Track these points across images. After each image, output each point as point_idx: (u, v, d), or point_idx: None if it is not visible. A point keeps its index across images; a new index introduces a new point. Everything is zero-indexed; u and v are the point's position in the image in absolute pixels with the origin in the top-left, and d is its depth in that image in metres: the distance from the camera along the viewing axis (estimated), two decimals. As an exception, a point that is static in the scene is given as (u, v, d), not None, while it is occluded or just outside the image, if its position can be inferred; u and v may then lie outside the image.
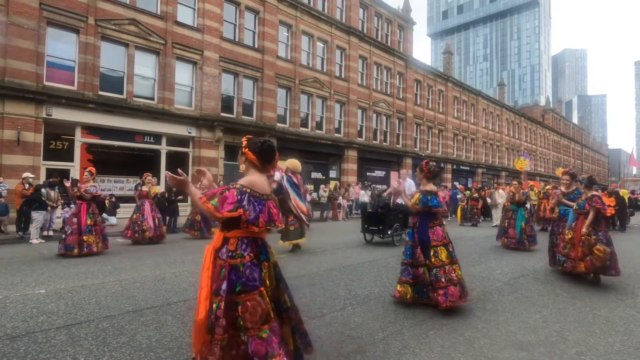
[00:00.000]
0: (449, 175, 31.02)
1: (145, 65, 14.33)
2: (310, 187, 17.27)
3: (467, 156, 34.32)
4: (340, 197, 17.67)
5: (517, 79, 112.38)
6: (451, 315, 3.82)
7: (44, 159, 11.97)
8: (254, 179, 2.24)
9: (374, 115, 24.66)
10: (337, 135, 21.85)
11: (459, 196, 16.79)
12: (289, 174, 7.54)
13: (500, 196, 13.49)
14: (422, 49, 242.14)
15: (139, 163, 14.04)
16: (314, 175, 20.76)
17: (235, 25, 17.16)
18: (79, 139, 12.73)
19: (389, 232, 8.78)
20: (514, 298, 4.54)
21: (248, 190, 2.16)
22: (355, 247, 8.51)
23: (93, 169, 7.65)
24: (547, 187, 14.40)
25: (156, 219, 8.98)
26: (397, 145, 26.36)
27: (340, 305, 4.13)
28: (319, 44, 21.03)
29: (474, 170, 34.92)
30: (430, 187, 4.18)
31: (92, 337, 3.18)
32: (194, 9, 15.70)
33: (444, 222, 15.58)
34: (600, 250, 4.83)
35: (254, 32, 17.91)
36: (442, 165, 30.59)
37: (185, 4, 15.40)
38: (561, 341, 3.24)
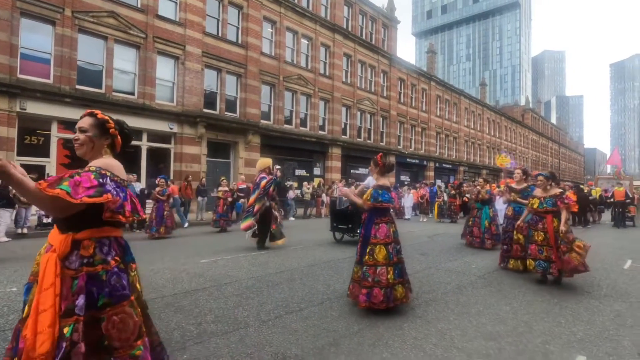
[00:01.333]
0: (432, 173, 31.55)
1: (125, 59, 14.00)
2: (294, 184, 17.27)
3: (449, 154, 34.92)
4: (324, 194, 17.77)
5: (499, 79, 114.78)
6: (426, 309, 3.93)
7: (18, 155, 11.56)
8: (110, 161, 1.80)
9: (358, 113, 24.80)
10: (321, 132, 21.89)
11: (438, 193, 17.10)
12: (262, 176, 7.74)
13: None
14: (407, 48, 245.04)
15: (119, 159, 13.69)
16: (298, 172, 20.77)
17: (218, 20, 16.95)
18: (55, 134, 12.36)
19: (358, 231, 8.67)
20: (486, 291, 4.69)
21: (108, 174, 1.70)
22: (336, 243, 8.60)
23: None
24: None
25: None
26: (381, 143, 26.59)
27: (318, 300, 4.19)
28: (303, 41, 20.99)
29: (456, 168, 35.57)
30: (384, 181, 3.99)
31: (65, 334, 3.13)
32: (176, 2, 15.42)
33: (424, 220, 15.56)
34: (580, 246, 4.77)
35: (237, 28, 17.72)
36: (424, 163, 31.07)
37: (166, -2, 15.12)
38: (528, 331, 3.38)
